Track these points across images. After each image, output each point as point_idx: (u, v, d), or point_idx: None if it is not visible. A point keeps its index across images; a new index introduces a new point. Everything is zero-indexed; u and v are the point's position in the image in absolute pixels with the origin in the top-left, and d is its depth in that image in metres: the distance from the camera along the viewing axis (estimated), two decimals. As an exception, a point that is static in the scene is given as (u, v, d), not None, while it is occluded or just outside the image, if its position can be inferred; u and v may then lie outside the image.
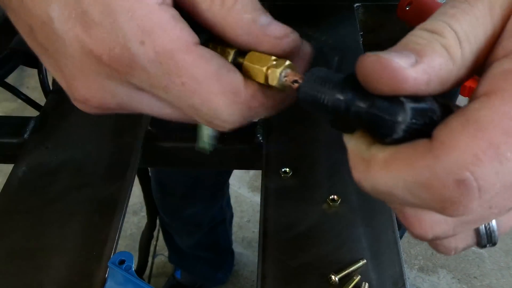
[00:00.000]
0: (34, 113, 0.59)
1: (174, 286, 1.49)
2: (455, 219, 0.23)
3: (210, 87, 0.26)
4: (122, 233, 0.45)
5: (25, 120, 0.54)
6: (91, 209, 0.46)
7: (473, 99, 0.21)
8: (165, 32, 0.25)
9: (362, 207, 0.45)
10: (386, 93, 0.21)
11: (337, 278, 0.39)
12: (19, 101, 0.73)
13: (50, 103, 0.57)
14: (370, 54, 0.22)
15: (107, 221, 0.44)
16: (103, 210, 0.45)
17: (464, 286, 1.55)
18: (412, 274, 1.58)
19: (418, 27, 0.23)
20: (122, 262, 0.41)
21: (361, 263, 0.41)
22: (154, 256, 1.60)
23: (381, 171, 0.22)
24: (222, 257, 1.47)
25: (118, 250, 0.42)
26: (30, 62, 0.66)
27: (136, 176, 0.52)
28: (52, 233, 0.44)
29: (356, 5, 0.67)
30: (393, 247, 0.42)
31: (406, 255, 1.61)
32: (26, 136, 0.53)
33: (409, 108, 0.21)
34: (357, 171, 0.23)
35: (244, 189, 1.80)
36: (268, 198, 0.46)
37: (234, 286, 1.55)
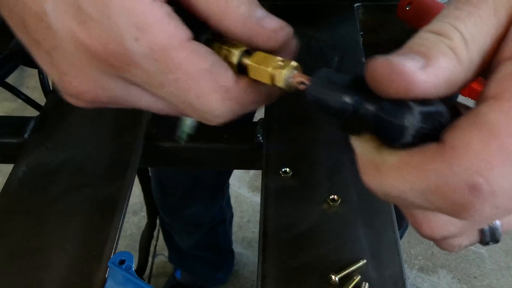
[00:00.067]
0: (34, 113, 0.59)
1: (174, 286, 1.49)
2: (464, 220, 0.23)
3: (203, 84, 0.27)
4: (122, 233, 0.45)
5: (25, 120, 0.54)
6: (91, 209, 0.46)
7: (481, 101, 0.21)
8: (159, 29, 0.25)
9: (362, 207, 0.45)
10: (396, 97, 0.21)
11: (337, 278, 0.39)
12: (19, 101, 0.73)
13: (50, 103, 0.57)
14: (379, 58, 0.22)
15: (107, 221, 0.44)
16: (103, 210, 0.45)
17: (464, 286, 1.55)
18: (412, 274, 1.58)
19: (423, 29, 0.23)
20: (122, 262, 0.41)
21: (361, 263, 0.41)
22: (154, 256, 1.60)
23: (392, 177, 0.22)
24: (222, 257, 1.47)
25: (118, 250, 0.42)
26: (30, 62, 0.65)
27: (136, 176, 0.52)
28: (52, 233, 0.44)
29: (356, 5, 0.67)
30: (393, 247, 0.42)
31: (406, 255, 1.61)
32: (26, 136, 0.53)
33: (417, 112, 0.21)
34: (367, 175, 0.23)
35: (244, 189, 1.80)
36: (268, 198, 0.46)
37: (234, 286, 1.55)
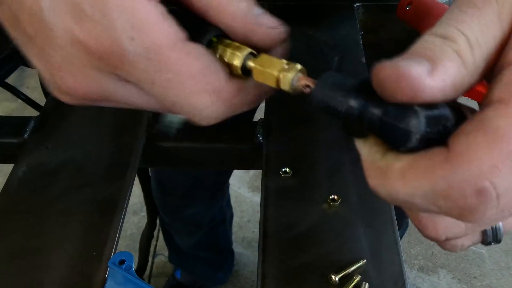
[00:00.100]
0: (34, 113, 0.59)
1: (174, 286, 1.49)
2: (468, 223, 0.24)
3: (194, 85, 0.27)
4: (122, 233, 0.45)
5: (25, 120, 0.54)
6: (91, 209, 0.45)
7: (486, 105, 0.21)
8: (154, 28, 0.26)
9: (362, 207, 0.45)
10: (403, 101, 0.21)
11: (337, 278, 0.39)
12: (19, 101, 0.73)
13: (50, 103, 0.57)
14: (386, 62, 0.22)
15: (107, 221, 0.44)
16: (103, 210, 0.45)
17: (464, 286, 1.55)
18: (412, 274, 1.58)
19: (428, 33, 0.23)
20: (122, 262, 0.41)
21: (361, 263, 0.41)
22: (154, 256, 1.60)
23: (398, 181, 0.22)
24: (222, 257, 1.47)
25: (118, 250, 0.42)
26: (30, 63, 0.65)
27: (136, 176, 0.52)
28: (52, 233, 0.44)
29: (356, 5, 0.67)
30: (393, 247, 0.42)
31: (406, 255, 1.61)
32: (26, 136, 0.53)
33: (423, 117, 0.21)
34: (372, 179, 0.23)
35: (244, 189, 1.81)
36: (268, 198, 0.46)
37: (234, 286, 1.55)
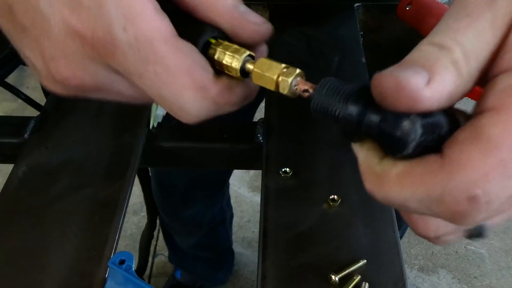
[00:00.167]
0: (34, 113, 0.59)
1: (174, 286, 1.49)
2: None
3: (181, 80, 0.27)
4: (122, 233, 0.45)
5: (25, 120, 0.54)
6: (91, 209, 0.45)
7: (479, 112, 0.22)
8: (146, 21, 0.26)
9: (362, 207, 0.45)
10: (401, 111, 0.22)
11: (337, 278, 0.39)
12: (19, 101, 0.73)
13: (50, 103, 0.57)
14: (385, 72, 0.22)
15: (107, 221, 0.44)
16: (103, 210, 0.45)
17: (464, 286, 1.55)
18: (412, 274, 1.58)
19: (424, 42, 0.24)
20: (122, 262, 0.41)
21: (361, 263, 0.41)
22: (154, 256, 1.60)
23: (394, 187, 0.23)
24: (222, 257, 1.47)
25: (118, 250, 0.42)
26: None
27: (136, 176, 0.52)
28: (52, 233, 0.44)
29: (356, 5, 0.67)
30: (393, 247, 0.42)
31: (406, 255, 1.61)
32: (26, 136, 0.53)
33: (419, 125, 0.22)
34: (369, 184, 0.24)
35: (244, 189, 1.80)
36: (268, 198, 0.46)
37: (234, 286, 1.55)
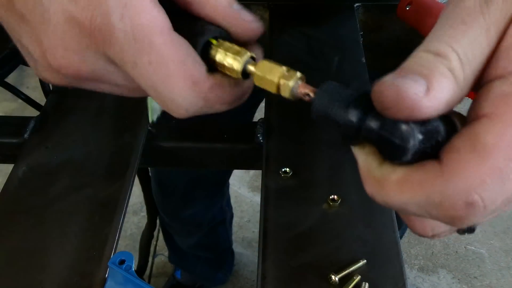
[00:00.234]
0: (34, 113, 0.59)
1: (174, 286, 1.49)
2: None
3: (174, 71, 0.28)
4: (122, 233, 0.45)
5: (25, 120, 0.54)
6: (91, 209, 0.46)
7: (474, 119, 0.23)
8: (144, 12, 0.27)
9: (362, 207, 0.45)
10: (401, 119, 0.23)
11: (337, 278, 0.39)
12: (19, 101, 0.73)
13: (50, 103, 0.57)
14: (385, 81, 0.23)
15: (107, 221, 0.44)
16: (103, 210, 0.45)
17: (464, 286, 1.55)
18: (412, 274, 1.58)
19: (421, 49, 0.24)
20: (122, 262, 0.41)
21: (361, 263, 0.41)
22: (154, 256, 1.60)
23: (394, 192, 0.24)
24: (222, 257, 1.47)
25: (118, 250, 0.42)
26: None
27: (136, 176, 0.52)
28: (52, 233, 0.44)
29: (356, 5, 0.67)
30: (393, 247, 0.42)
31: (406, 255, 1.61)
32: (26, 136, 0.53)
33: (418, 133, 0.23)
34: (369, 187, 0.25)
35: (244, 189, 1.80)
36: (268, 198, 0.46)
37: (234, 286, 1.55)
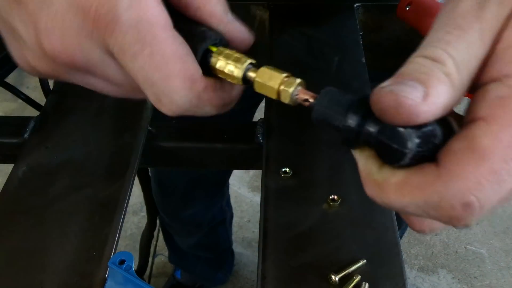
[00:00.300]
0: (34, 113, 0.59)
1: (174, 286, 1.49)
2: None
3: (173, 66, 0.28)
4: (122, 233, 0.45)
5: (25, 120, 0.54)
6: (91, 209, 0.46)
7: (471, 121, 0.23)
8: (150, 6, 0.28)
9: (362, 207, 0.45)
10: (399, 125, 0.24)
11: (337, 278, 0.39)
12: (19, 101, 0.73)
13: (50, 103, 0.57)
14: (384, 90, 0.23)
15: (107, 221, 0.44)
16: (103, 210, 0.45)
17: (464, 286, 1.55)
18: (412, 274, 1.58)
19: (417, 54, 0.25)
20: (122, 262, 0.41)
21: (361, 263, 0.41)
22: (154, 256, 1.60)
23: (394, 194, 0.25)
24: (222, 257, 1.47)
25: (118, 250, 0.42)
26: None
27: (136, 176, 0.52)
28: (52, 233, 0.44)
29: (356, 5, 0.67)
30: (393, 247, 0.42)
31: (406, 255, 1.61)
32: (26, 136, 0.53)
33: (415, 137, 0.23)
34: (369, 190, 0.26)
35: (244, 189, 1.80)
36: (268, 198, 0.46)
37: (234, 286, 1.55)
